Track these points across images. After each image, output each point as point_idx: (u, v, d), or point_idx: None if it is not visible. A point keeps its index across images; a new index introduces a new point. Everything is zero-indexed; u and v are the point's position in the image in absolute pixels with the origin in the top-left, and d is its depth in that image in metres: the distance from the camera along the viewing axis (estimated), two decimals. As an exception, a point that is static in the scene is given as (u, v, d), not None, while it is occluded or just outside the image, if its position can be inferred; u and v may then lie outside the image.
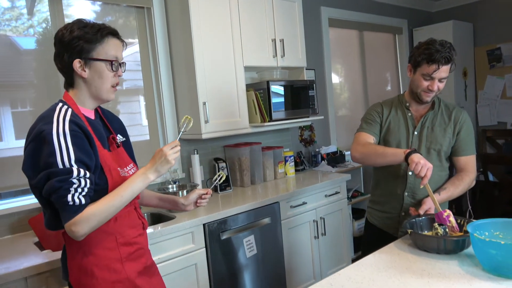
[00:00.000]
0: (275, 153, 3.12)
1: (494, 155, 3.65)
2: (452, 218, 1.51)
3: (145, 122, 2.75)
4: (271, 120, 2.79)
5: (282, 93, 2.87)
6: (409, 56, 1.78)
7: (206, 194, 1.61)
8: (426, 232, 1.58)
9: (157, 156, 1.31)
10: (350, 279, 1.30)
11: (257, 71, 3.06)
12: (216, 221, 2.24)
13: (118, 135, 1.46)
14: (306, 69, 3.27)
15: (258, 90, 2.81)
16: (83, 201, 1.18)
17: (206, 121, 2.55)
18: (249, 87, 2.85)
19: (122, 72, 1.36)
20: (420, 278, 1.26)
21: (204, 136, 2.56)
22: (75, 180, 1.16)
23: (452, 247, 1.40)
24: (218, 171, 1.75)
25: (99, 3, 2.53)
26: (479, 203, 4.07)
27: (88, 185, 1.19)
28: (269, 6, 2.91)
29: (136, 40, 2.69)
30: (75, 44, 1.25)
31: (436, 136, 1.79)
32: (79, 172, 1.17)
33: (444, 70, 1.67)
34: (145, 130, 2.75)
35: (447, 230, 1.53)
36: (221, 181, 1.70)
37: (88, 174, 1.20)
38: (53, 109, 1.25)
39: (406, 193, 1.81)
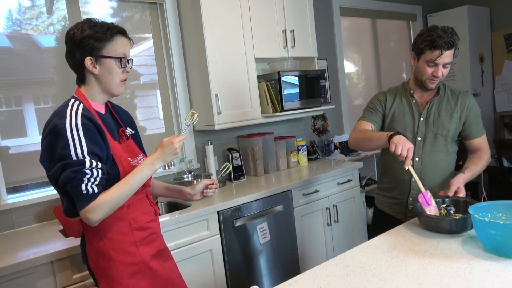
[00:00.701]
0: (288, 143, 3.17)
1: (508, 141, 3.60)
2: (433, 199, 1.61)
3: (161, 115, 2.85)
4: (282, 110, 2.85)
5: (296, 83, 2.92)
6: (412, 44, 1.81)
7: (212, 184, 1.68)
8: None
9: (167, 147, 1.38)
10: (354, 259, 1.36)
11: (268, 62, 3.11)
12: (230, 209, 2.32)
13: (128, 128, 1.54)
14: (317, 58, 3.30)
15: (270, 81, 2.87)
16: (96, 190, 1.27)
17: (219, 113, 2.63)
18: (260, 78, 2.91)
19: (130, 68, 1.44)
20: (422, 259, 1.31)
21: (217, 127, 2.64)
22: (87, 171, 1.25)
23: (464, 226, 1.45)
24: (227, 162, 1.82)
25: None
26: (494, 189, 4.04)
27: (100, 175, 1.28)
28: (279, -3, 2.95)
29: (151, 35, 2.77)
30: (86, 43, 1.33)
31: (442, 122, 1.81)
32: (91, 163, 1.25)
33: (447, 56, 1.69)
34: (162, 124, 2.85)
35: (453, 210, 1.57)
36: (227, 172, 1.77)
37: (100, 165, 1.28)
38: (66, 104, 1.33)
39: (413, 179, 1.84)
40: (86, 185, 1.25)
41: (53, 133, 1.27)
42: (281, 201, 2.58)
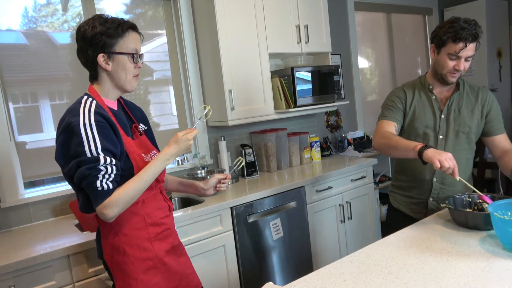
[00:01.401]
0: (301, 139, 3.16)
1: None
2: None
3: (175, 111, 2.86)
4: (296, 106, 2.83)
5: (309, 79, 2.89)
6: (432, 37, 1.73)
7: (225, 179, 1.68)
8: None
9: (182, 143, 1.40)
10: (369, 257, 1.34)
11: (281, 58, 3.09)
12: (243, 205, 2.32)
13: (140, 124, 1.55)
14: (331, 54, 3.27)
15: (283, 77, 2.85)
16: (111, 186, 1.28)
17: (232, 108, 2.62)
18: (273, 73, 2.89)
19: (141, 64, 1.44)
20: (439, 257, 1.29)
21: (230, 123, 2.64)
22: (102, 167, 1.26)
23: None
24: (240, 157, 1.82)
25: (127, -4, 2.63)
26: (511, 186, 3.95)
27: (114, 171, 1.29)
28: (292, -8, 2.92)
29: (164, 31, 2.78)
30: (98, 40, 1.32)
31: (464, 119, 1.76)
32: (105, 160, 1.26)
33: (471, 48, 1.62)
34: (175, 120, 2.86)
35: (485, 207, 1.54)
36: (240, 166, 1.76)
37: (114, 161, 1.29)
38: (79, 102, 1.34)
39: (435, 179, 1.80)
40: (101, 181, 1.26)
41: (67, 130, 1.28)
42: (294, 198, 2.57)
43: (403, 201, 1.95)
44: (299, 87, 2.84)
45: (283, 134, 3.04)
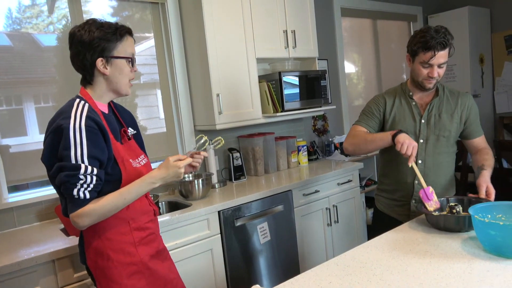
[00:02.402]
0: (288, 143, 3.18)
1: (508, 142, 3.61)
2: (434, 195, 1.63)
3: (162, 115, 2.85)
4: (283, 110, 2.85)
5: (296, 83, 2.92)
6: (407, 46, 1.80)
7: (198, 154, 1.59)
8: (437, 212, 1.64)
9: (171, 168, 1.37)
10: (355, 259, 1.37)
11: (269, 63, 3.12)
12: (230, 208, 2.32)
13: (129, 128, 1.55)
14: (318, 59, 3.31)
15: (270, 81, 2.87)
16: (88, 196, 1.27)
17: (220, 112, 2.63)
18: (261, 78, 2.92)
19: (136, 68, 1.46)
20: (423, 259, 1.32)
21: (218, 127, 2.65)
22: (81, 176, 1.25)
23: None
24: (204, 140, 1.77)
25: None
26: (496, 190, 4.04)
27: (94, 181, 1.28)
28: (280, -3, 2.96)
29: (152, 35, 2.78)
30: (96, 44, 1.34)
31: (444, 123, 1.81)
32: (86, 169, 1.25)
33: (441, 56, 1.69)
34: (163, 123, 2.85)
35: (460, 208, 1.58)
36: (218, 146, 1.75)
37: (95, 171, 1.28)
38: (70, 104, 1.33)
39: (416, 181, 1.84)
40: (79, 190, 1.25)
41: (56, 132, 1.27)
42: (282, 201, 2.58)
43: (388, 204, 1.99)
44: (286, 92, 2.86)
45: (271, 138, 3.06)
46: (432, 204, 1.62)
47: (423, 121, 1.84)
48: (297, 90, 2.94)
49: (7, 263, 1.64)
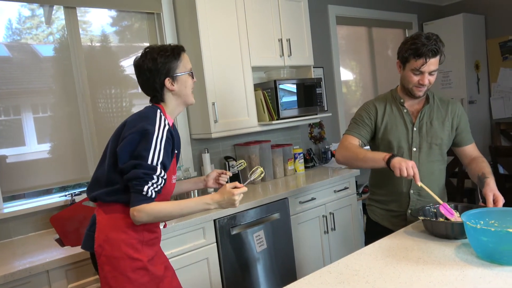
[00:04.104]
0: (285, 151, 3.19)
1: (503, 148, 3.62)
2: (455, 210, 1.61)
3: (158, 123, 2.86)
4: (278, 118, 2.86)
5: (292, 91, 2.94)
6: (397, 53, 1.79)
7: (225, 174, 1.81)
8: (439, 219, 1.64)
9: (226, 195, 1.47)
10: (348, 267, 1.36)
11: (264, 71, 3.14)
12: (226, 217, 2.32)
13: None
14: (314, 67, 3.33)
15: (266, 89, 2.89)
16: (153, 195, 1.42)
17: (216, 121, 2.64)
18: (257, 86, 2.93)
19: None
20: (415, 266, 1.32)
21: (213, 135, 2.65)
22: (155, 177, 1.41)
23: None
24: (242, 160, 1.93)
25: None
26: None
27: (161, 184, 1.44)
28: (275, 7, 2.98)
29: (148, 45, 2.79)
30: (161, 68, 1.51)
31: (436, 131, 1.81)
32: (160, 172, 1.43)
33: (432, 63, 1.68)
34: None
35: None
36: (241, 168, 1.89)
37: (165, 175, 1.45)
38: (154, 112, 1.49)
39: (411, 191, 1.84)
40: (148, 188, 1.40)
41: (141, 134, 1.42)
42: (278, 209, 2.58)
43: (382, 215, 1.96)
44: (284, 99, 2.88)
45: (267, 146, 3.07)
46: (456, 218, 1.58)
47: (415, 129, 1.82)
48: (292, 98, 2.95)
49: (1, 274, 1.63)
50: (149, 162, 1.40)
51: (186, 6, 2.67)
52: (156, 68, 1.51)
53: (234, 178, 2.90)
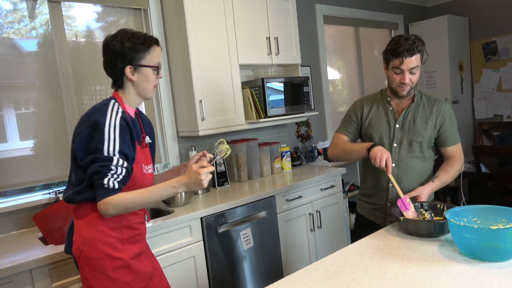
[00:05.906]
0: (272, 149, 3.19)
1: (485, 147, 3.69)
2: (412, 205, 1.67)
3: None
4: (266, 116, 2.87)
5: (279, 89, 2.95)
6: (382, 54, 1.88)
7: (205, 156, 1.63)
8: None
9: (193, 176, 1.42)
10: (334, 264, 1.38)
11: (252, 69, 3.14)
12: (213, 215, 2.32)
13: (147, 136, 1.65)
14: (301, 65, 3.34)
15: (254, 88, 2.89)
16: (116, 186, 1.39)
17: (203, 119, 2.63)
18: (244, 84, 2.93)
19: (161, 74, 1.60)
20: (401, 263, 1.33)
21: (201, 133, 2.64)
22: (113, 167, 1.38)
23: (441, 229, 1.49)
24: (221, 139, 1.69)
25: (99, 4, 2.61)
26: (473, 194, 4.13)
27: (123, 173, 1.40)
28: (263, 5, 2.98)
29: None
30: (126, 54, 1.47)
31: (417, 129, 1.85)
32: (118, 161, 1.39)
33: (410, 62, 1.74)
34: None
35: (432, 214, 1.64)
36: (225, 155, 1.62)
37: (125, 164, 1.41)
38: (106, 103, 1.46)
39: (390, 185, 1.88)
40: (109, 180, 1.37)
41: (93, 127, 1.40)
42: (265, 207, 2.59)
43: (367, 208, 2.03)
44: (271, 98, 2.88)
45: (254, 144, 3.07)
46: (409, 214, 1.64)
47: (397, 125, 1.88)
48: (280, 96, 2.96)
49: (-18, 273, 1.60)
50: (105, 153, 1.37)
51: (173, 2, 2.65)
52: (121, 52, 1.47)
53: (221, 176, 2.90)
